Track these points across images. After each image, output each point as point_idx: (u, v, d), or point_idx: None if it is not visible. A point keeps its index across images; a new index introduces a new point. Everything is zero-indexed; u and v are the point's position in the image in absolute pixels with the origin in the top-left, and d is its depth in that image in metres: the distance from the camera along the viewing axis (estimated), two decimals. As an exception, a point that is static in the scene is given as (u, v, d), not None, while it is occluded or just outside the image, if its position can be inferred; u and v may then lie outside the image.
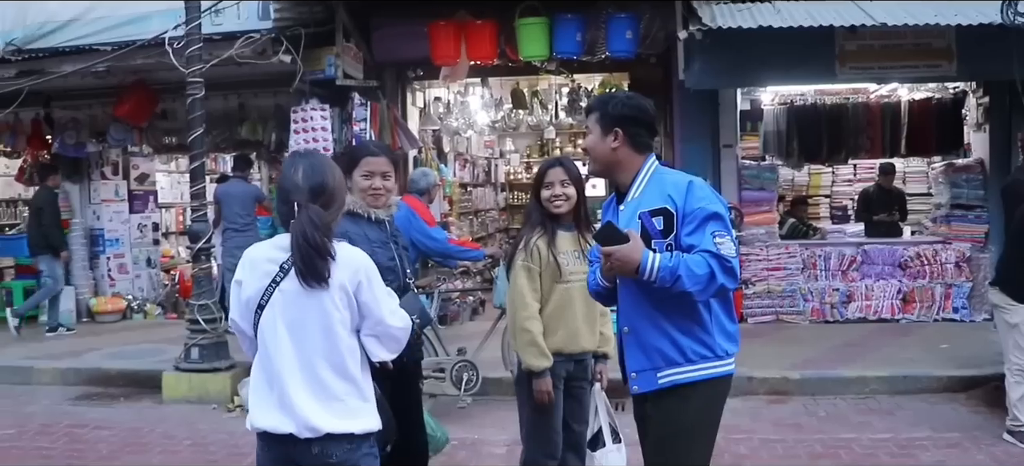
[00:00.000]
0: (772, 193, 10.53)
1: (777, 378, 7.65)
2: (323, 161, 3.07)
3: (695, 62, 8.96)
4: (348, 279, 2.92)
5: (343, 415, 2.91)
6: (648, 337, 3.23)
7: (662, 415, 3.25)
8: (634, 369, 3.29)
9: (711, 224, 3.10)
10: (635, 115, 3.34)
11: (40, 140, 12.03)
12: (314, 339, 2.90)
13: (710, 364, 3.21)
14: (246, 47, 8.96)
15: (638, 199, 3.27)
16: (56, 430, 7.12)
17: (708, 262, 3.02)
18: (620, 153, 3.31)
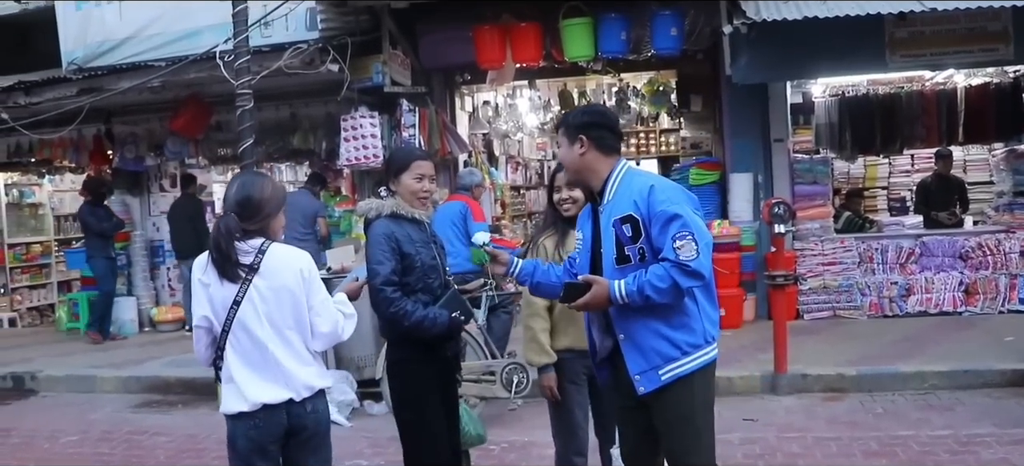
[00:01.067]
0: (826, 187, 10.36)
1: (832, 375, 7.53)
2: (254, 179, 3.70)
3: (742, 56, 8.87)
4: (301, 268, 3.53)
5: (318, 374, 3.63)
6: (643, 340, 3.42)
7: (670, 407, 3.45)
8: (636, 372, 3.44)
9: (672, 226, 3.29)
10: (596, 120, 3.59)
11: (102, 155, 12.34)
12: (287, 320, 3.50)
13: (702, 352, 3.44)
14: (294, 58, 9.10)
15: (611, 203, 3.48)
16: (116, 436, 7.30)
17: (669, 272, 3.26)
18: (588, 157, 3.52)
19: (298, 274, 3.51)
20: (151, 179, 12.64)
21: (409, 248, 4.02)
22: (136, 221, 12.55)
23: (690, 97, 11.37)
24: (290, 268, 3.51)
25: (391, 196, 4.11)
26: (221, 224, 3.48)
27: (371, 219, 4.11)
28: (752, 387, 7.57)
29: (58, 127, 11.13)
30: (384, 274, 3.95)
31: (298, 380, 3.50)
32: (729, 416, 6.80)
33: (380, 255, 3.98)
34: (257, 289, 3.46)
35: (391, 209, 4.02)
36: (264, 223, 3.57)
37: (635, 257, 3.38)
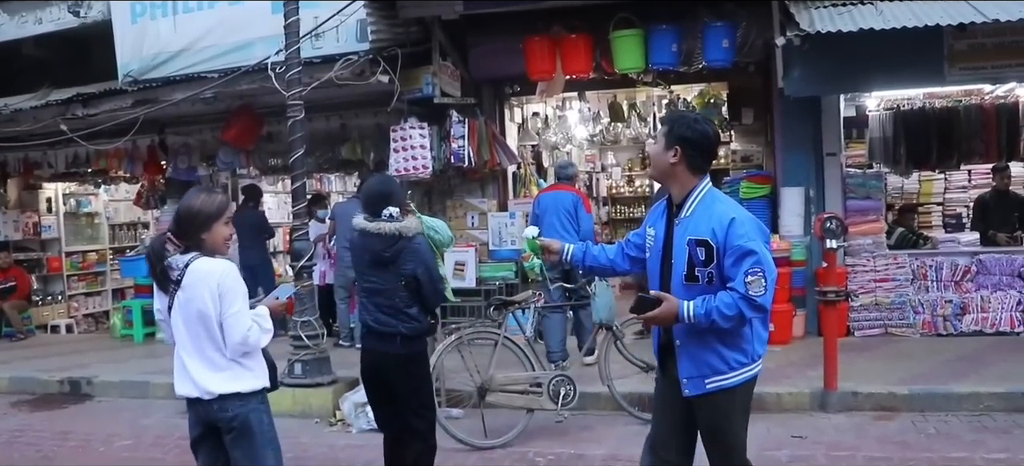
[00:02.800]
0: (879, 202, 10.15)
1: (883, 393, 7.37)
2: (192, 193, 4.10)
3: (794, 69, 8.75)
4: (215, 283, 3.83)
5: (233, 379, 3.91)
6: (698, 351, 3.71)
7: (711, 412, 3.77)
8: (686, 376, 3.75)
9: (747, 261, 3.54)
10: (697, 139, 3.73)
11: (156, 165, 12.55)
12: (198, 330, 3.88)
13: (747, 369, 3.74)
14: (345, 69, 9.16)
15: (688, 220, 3.71)
16: (168, 442, 7.39)
17: (737, 304, 3.53)
18: (677, 169, 3.72)
19: (209, 290, 3.83)
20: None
21: None
22: (188, 230, 12.66)
23: (741, 110, 11.26)
24: (204, 283, 3.83)
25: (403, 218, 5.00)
26: (153, 242, 4.06)
27: (410, 236, 4.94)
28: (801, 404, 7.44)
29: (113, 138, 11.36)
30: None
31: (201, 384, 3.91)
32: (777, 433, 6.71)
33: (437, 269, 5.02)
34: (179, 300, 3.90)
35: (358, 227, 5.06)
36: (197, 236, 3.92)
37: (703, 279, 3.63)
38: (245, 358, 3.97)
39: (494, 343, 6.91)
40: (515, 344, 6.98)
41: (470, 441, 6.73)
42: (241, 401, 3.93)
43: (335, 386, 8.08)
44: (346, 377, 8.20)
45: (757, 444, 6.42)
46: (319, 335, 8.23)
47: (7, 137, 11.77)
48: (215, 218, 3.96)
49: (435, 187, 11.37)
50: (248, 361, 4.00)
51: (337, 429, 7.54)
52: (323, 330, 8.33)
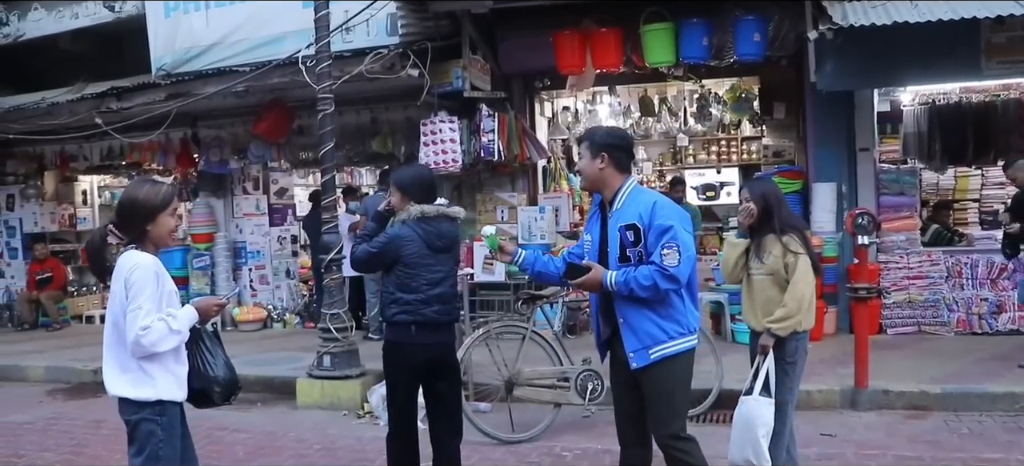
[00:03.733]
0: (913, 198, 10.02)
1: (915, 392, 7.26)
2: (135, 184, 3.91)
3: (827, 63, 8.65)
4: (124, 277, 3.60)
5: (130, 384, 3.68)
6: (638, 323, 4.15)
7: (655, 381, 4.17)
8: (631, 350, 4.18)
9: (664, 237, 4.05)
10: (617, 142, 4.29)
11: (188, 158, 12.68)
12: (112, 322, 3.70)
13: (685, 339, 4.19)
14: (375, 63, 9.19)
15: (619, 211, 4.21)
16: (198, 431, 7.28)
17: (652, 275, 4.03)
18: (606, 173, 4.21)
19: (120, 284, 3.63)
20: (234, 182, 12.90)
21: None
22: (220, 223, 12.81)
23: (773, 104, 11.18)
24: (119, 276, 3.64)
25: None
26: (92, 235, 3.88)
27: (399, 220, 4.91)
28: (831, 401, 7.36)
29: (147, 131, 11.50)
30: None
31: (107, 381, 3.76)
32: (806, 430, 6.61)
33: None
34: (110, 295, 3.77)
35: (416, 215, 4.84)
36: (141, 228, 3.72)
37: (634, 258, 4.13)
38: (145, 362, 3.65)
39: (522, 337, 6.89)
40: (543, 338, 6.96)
41: (497, 435, 6.72)
42: (134, 408, 3.69)
43: (363, 379, 8.10)
44: (374, 370, 8.19)
45: (786, 441, 6.39)
46: (348, 327, 8.25)
47: (44, 130, 11.97)
48: (160, 209, 3.74)
49: (465, 181, 11.38)
50: (150, 366, 3.67)
51: (365, 421, 7.56)
52: (352, 323, 8.34)
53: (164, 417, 3.71)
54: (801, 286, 4.87)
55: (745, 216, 5.05)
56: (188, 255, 12.74)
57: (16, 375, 10.25)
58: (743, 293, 5.25)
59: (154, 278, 3.60)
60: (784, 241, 4.93)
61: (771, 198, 5.02)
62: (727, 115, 12.91)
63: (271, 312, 12.50)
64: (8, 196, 14.57)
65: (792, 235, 4.97)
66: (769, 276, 4.98)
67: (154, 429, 3.69)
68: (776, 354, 4.99)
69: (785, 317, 4.90)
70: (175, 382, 3.74)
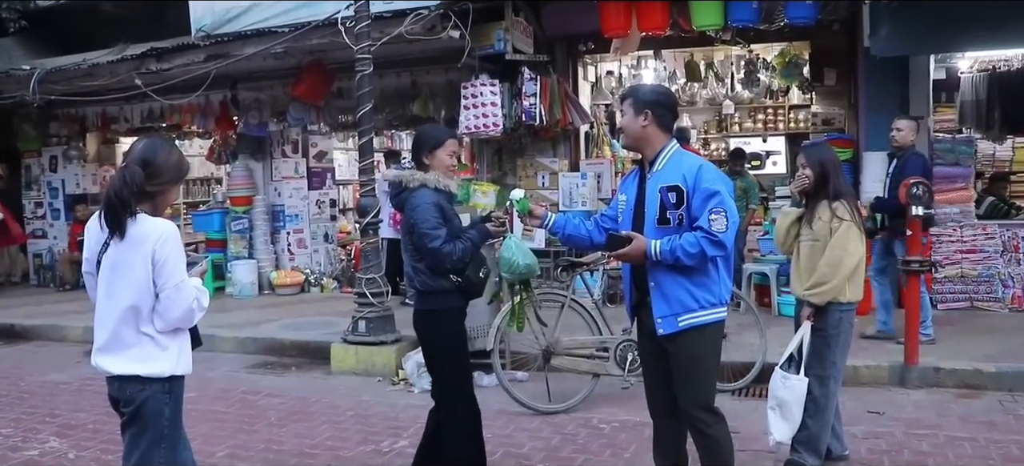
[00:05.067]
0: (969, 169, 9.63)
1: (968, 370, 6.96)
2: (161, 144, 3.60)
3: (883, 27, 8.32)
4: (151, 248, 3.36)
5: (137, 359, 3.46)
6: (670, 290, 4.00)
7: (682, 350, 4.04)
8: (660, 315, 4.03)
9: (712, 201, 3.89)
10: (663, 100, 4.15)
11: (228, 121, 12.61)
12: (121, 294, 3.42)
13: (716, 310, 4.05)
14: (415, 23, 9.04)
15: (660, 173, 4.05)
16: (232, 395, 7.40)
17: (699, 241, 3.87)
18: (648, 130, 4.07)
19: (142, 255, 3.38)
20: (273, 145, 12.82)
21: (449, 214, 4.57)
22: (258, 186, 12.76)
23: (824, 70, 10.80)
24: (139, 246, 3.38)
25: (419, 168, 4.62)
26: (126, 174, 3.39)
27: (413, 187, 4.54)
28: (879, 378, 7.10)
29: (187, 93, 11.46)
30: (443, 237, 4.45)
31: (100, 358, 3.54)
32: (853, 407, 6.39)
33: (435, 221, 4.46)
34: (109, 258, 3.44)
35: (434, 183, 4.53)
36: (157, 190, 3.49)
37: (674, 221, 3.97)
38: (165, 335, 3.49)
39: (561, 305, 6.72)
40: (582, 307, 6.79)
41: (533, 405, 6.57)
42: (139, 386, 3.47)
43: (399, 345, 8.00)
44: (410, 336, 8.05)
45: (833, 418, 6.16)
46: (384, 292, 8.14)
47: (85, 92, 11.96)
48: (179, 180, 3.66)
49: (505, 146, 11.21)
50: (169, 339, 3.51)
51: (400, 388, 7.46)
52: (388, 287, 8.23)
53: (173, 394, 3.56)
54: (838, 251, 4.79)
55: (799, 183, 4.98)
56: (226, 218, 12.71)
57: (56, 335, 10.30)
58: (792, 262, 5.16)
59: (182, 248, 3.51)
60: (833, 207, 4.85)
61: (828, 164, 4.94)
62: (776, 81, 12.55)
63: (308, 276, 12.44)
64: (51, 157, 14.65)
65: (842, 201, 4.87)
66: (816, 242, 4.90)
67: (162, 407, 3.52)
68: (817, 326, 4.89)
69: (818, 282, 4.83)
70: (188, 354, 3.62)
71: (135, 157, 3.47)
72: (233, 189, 12.77)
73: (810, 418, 4.90)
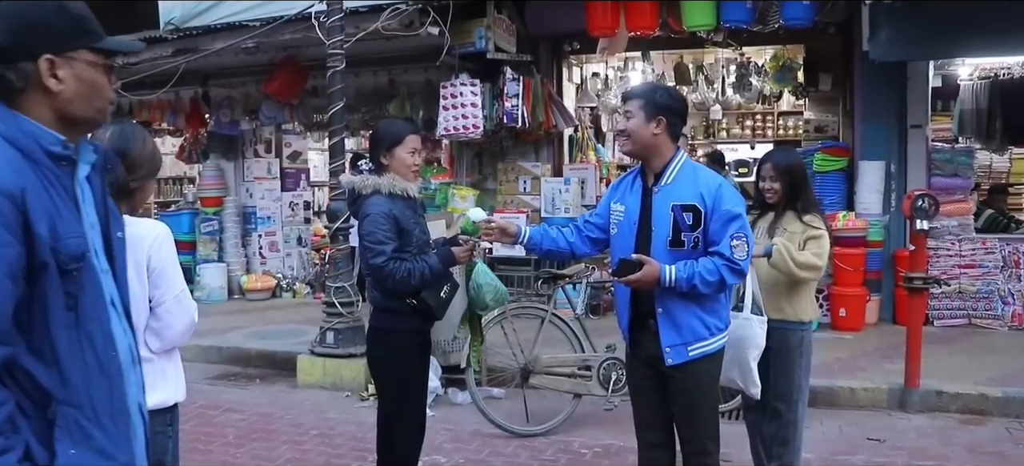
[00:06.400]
0: (967, 180, 9.29)
1: (972, 394, 6.58)
2: (135, 132, 3.07)
3: (882, 31, 7.95)
4: (146, 254, 2.83)
5: None
6: (681, 317, 3.68)
7: (692, 379, 3.73)
8: (669, 344, 3.70)
9: (733, 225, 3.60)
10: (677, 107, 3.78)
11: (199, 118, 12.18)
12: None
13: (723, 335, 3.78)
14: (392, 19, 8.63)
15: (670, 187, 3.69)
16: (189, 411, 6.90)
17: (719, 269, 3.57)
18: (659, 139, 3.69)
19: (135, 262, 2.77)
20: (246, 144, 12.37)
21: (406, 225, 4.04)
22: (230, 186, 12.30)
23: (818, 75, 10.43)
24: (139, 248, 2.81)
25: (378, 170, 4.13)
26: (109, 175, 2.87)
27: (366, 194, 4.07)
28: (877, 401, 6.71)
29: (156, 89, 11.01)
30: (388, 253, 3.94)
31: None
32: (851, 433, 6.02)
33: (382, 235, 3.96)
34: None
35: (388, 188, 4.03)
36: (136, 187, 2.98)
37: (689, 243, 3.64)
38: (165, 359, 2.97)
39: (540, 320, 6.30)
40: (563, 322, 6.36)
41: (509, 426, 6.15)
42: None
43: (369, 358, 7.54)
44: (382, 349, 7.66)
45: (828, 446, 5.78)
46: (354, 302, 7.70)
47: (50, 84, 11.45)
48: (156, 172, 3.11)
49: (486, 149, 10.80)
50: (168, 363, 3.00)
51: (368, 404, 6.99)
52: (359, 297, 7.77)
53: (174, 425, 3.05)
54: (814, 258, 4.33)
55: (770, 193, 4.52)
56: (196, 219, 12.25)
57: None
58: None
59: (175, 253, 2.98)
60: (805, 220, 4.43)
61: (797, 174, 4.53)
62: (768, 85, 12.18)
63: (280, 281, 11.99)
64: (16, 153, 14.12)
65: (815, 215, 4.48)
66: None
67: (167, 444, 2.99)
68: (778, 350, 4.40)
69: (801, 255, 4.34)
70: (182, 378, 3.11)
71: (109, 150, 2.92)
72: (204, 189, 12.32)
73: (781, 447, 4.50)
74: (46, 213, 1.93)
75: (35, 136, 1.98)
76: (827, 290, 8.85)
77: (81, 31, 2.02)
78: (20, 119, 1.98)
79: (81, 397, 2.00)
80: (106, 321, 2.11)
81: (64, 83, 1.99)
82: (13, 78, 1.95)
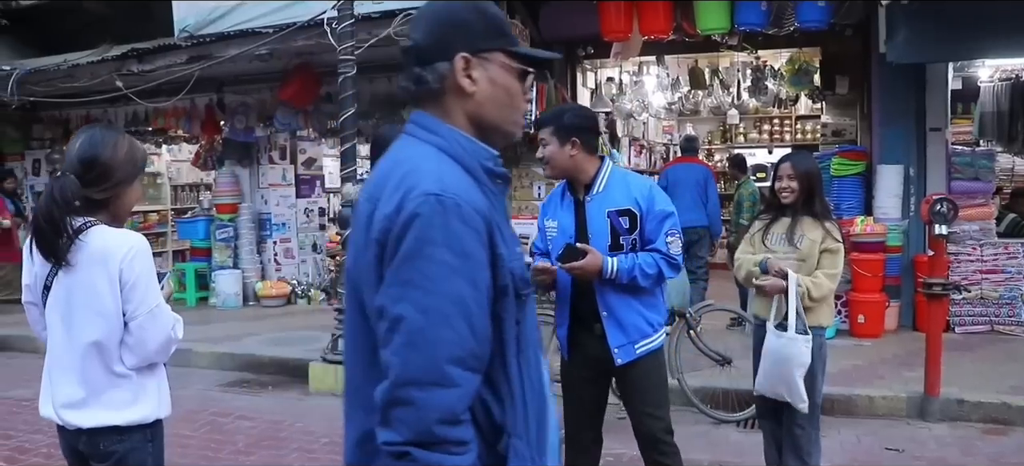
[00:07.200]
0: (988, 184, 9.13)
1: (995, 403, 6.42)
2: (105, 136, 2.89)
3: (899, 32, 7.84)
4: (118, 266, 2.75)
5: (115, 407, 2.84)
6: (626, 317, 3.86)
7: (644, 375, 3.93)
8: (616, 345, 3.85)
9: (667, 223, 3.83)
10: (587, 124, 3.92)
11: (214, 125, 12.21)
12: (83, 328, 2.80)
13: (665, 330, 4.03)
14: (404, 24, 8.55)
15: (603, 195, 3.86)
16: (200, 418, 6.92)
17: (657, 262, 3.80)
18: (577, 159, 3.83)
19: (108, 275, 2.74)
20: (260, 151, 12.37)
21: None
22: (245, 193, 12.31)
23: (835, 78, 10.31)
24: (102, 265, 2.74)
25: None
26: (55, 187, 2.74)
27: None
28: (896, 409, 6.59)
29: (172, 96, 11.04)
30: None
31: (63, 409, 2.85)
32: (870, 443, 5.91)
33: None
34: (61, 283, 2.81)
35: None
36: (111, 194, 2.84)
37: (627, 246, 3.83)
38: (144, 374, 2.87)
39: (551, 327, 6.22)
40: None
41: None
42: (118, 437, 2.84)
43: (381, 365, 7.50)
44: (393, 356, 7.61)
45: (847, 454, 5.68)
46: (366, 309, 7.65)
47: (68, 94, 11.53)
48: (138, 174, 2.96)
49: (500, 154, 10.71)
50: (148, 378, 2.89)
51: (380, 413, 6.96)
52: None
53: (156, 441, 2.96)
54: (828, 282, 4.39)
55: (787, 192, 4.51)
56: (211, 226, 12.25)
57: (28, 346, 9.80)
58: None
59: (153, 265, 2.89)
60: (826, 227, 4.45)
61: (814, 178, 4.58)
62: (784, 89, 12.08)
63: (295, 287, 11.97)
64: (34, 161, 14.17)
65: (833, 223, 4.52)
66: (801, 262, 4.43)
67: (145, 459, 2.91)
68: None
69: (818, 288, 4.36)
70: (167, 394, 3.02)
71: (73, 159, 2.82)
72: (219, 196, 12.32)
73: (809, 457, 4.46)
74: (501, 234, 1.87)
75: (474, 152, 1.93)
76: (845, 296, 8.74)
77: (498, 33, 1.97)
78: (456, 133, 1.93)
79: (530, 431, 1.91)
80: (536, 346, 2.02)
81: (478, 84, 1.94)
82: (430, 79, 1.92)
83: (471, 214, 1.76)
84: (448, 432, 1.69)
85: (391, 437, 1.70)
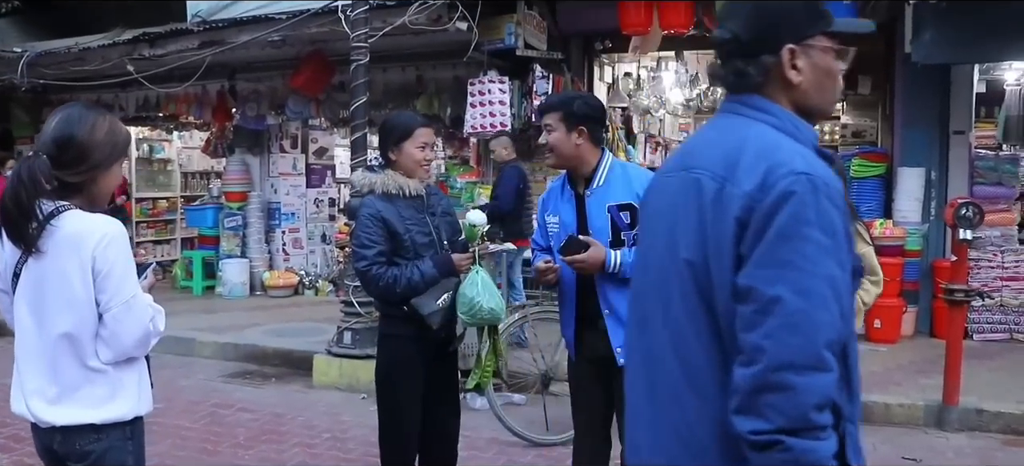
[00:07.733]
0: (1012, 189, 8.91)
1: (1016, 413, 6.24)
2: (82, 115, 2.67)
3: (926, 32, 7.62)
4: (91, 253, 2.55)
5: (92, 403, 2.66)
6: None
7: None
8: (618, 345, 3.65)
9: None
10: (596, 114, 3.76)
11: (225, 112, 12.11)
12: (54, 319, 2.61)
13: None
14: (419, 13, 8.44)
15: (603, 189, 3.72)
16: (201, 409, 6.80)
17: None
18: (582, 149, 3.71)
19: (80, 262, 2.54)
20: (271, 139, 12.26)
21: (399, 227, 3.79)
22: (255, 181, 12.19)
23: (858, 78, 10.10)
24: (74, 251, 2.54)
25: (385, 166, 3.92)
26: (23, 168, 2.55)
27: (363, 193, 3.95)
28: (913, 418, 6.40)
29: (183, 81, 10.96)
30: (370, 258, 3.76)
31: (36, 406, 2.66)
32: (885, 451, 5.73)
33: (366, 238, 3.79)
34: (29, 272, 2.61)
35: (383, 187, 3.83)
36: (87, 177, 2.64)
37: (629, 242, 3.65)
38: (122, 369, 2.68)
39: (560, 325, 6.06)
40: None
41: (528, 435, 5.93)
42: (94, 436, 2.66)
43: (387, 359, 7.36)
44: (400, 350, 7.47)
45: (864, 464, 5.48)
46: (372, 302, 7.50)
47: (78, 77, 11.46)
48: (119, 155, 2.75)
49: (514, 147, 10.58)
50: (126, 374, 2.69)
51: (384, 407, 6.82)
52: (376, 296, 7.60)
53: (135, 439, 2.78)
54: (879, 280, 4.28)
55: None
56: (220, 214, 12.14)
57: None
58: None
59: (130, 253, 2.68)
60: (858, 228, 4.23)
61: (841, 176, 4.23)
62: (804, 89, 11.87)
63: (303, 278, 11.86)
64: (44, 144, 14.11)
65: (861, 223, 4.38)
66: None
67: (125, 459, 2.74)
68: None
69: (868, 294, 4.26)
70: (148, 390, 2.82)
71: (46, 139, 2.60)
72: (228, 184, 12.21)
73: None
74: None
75: (806, 133, 1.89)
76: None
77: (818, 16, 1.90)
78: (788, 113, 1.89)
79: (856, 415, 1.86)
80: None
81: (802, 73, 1.88)
82: (753, 72, 1.87)
83: (837, 194, 1.74)
84: (820, 417, 1.65)
85: (759, 425, 1.65)
